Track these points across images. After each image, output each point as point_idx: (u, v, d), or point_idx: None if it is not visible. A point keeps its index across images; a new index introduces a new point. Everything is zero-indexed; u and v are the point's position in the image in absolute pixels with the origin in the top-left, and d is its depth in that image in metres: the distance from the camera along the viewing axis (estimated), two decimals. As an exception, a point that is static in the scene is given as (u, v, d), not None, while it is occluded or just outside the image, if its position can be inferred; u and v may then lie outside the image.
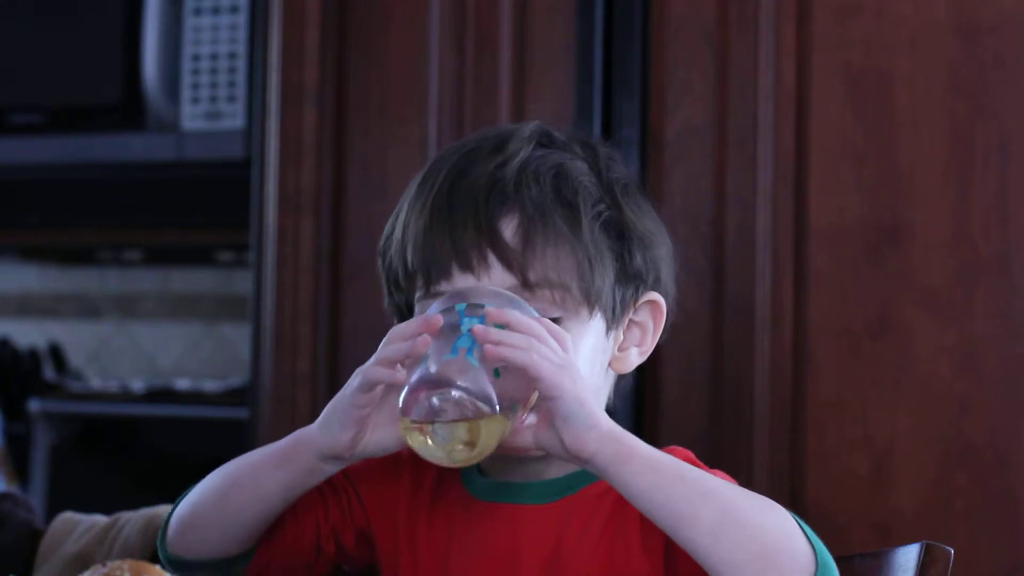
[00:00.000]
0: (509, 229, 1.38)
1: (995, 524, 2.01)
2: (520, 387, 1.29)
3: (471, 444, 1.29)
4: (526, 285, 1.37)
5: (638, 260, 1.43)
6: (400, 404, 1.29)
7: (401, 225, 1.43)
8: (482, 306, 1.31)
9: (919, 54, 2.07)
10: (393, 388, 1.31)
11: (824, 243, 2.09)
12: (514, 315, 1.31)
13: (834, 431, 2.07)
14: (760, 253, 2.11)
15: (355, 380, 1.32)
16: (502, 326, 1.30)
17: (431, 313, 1.32)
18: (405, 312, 1.44)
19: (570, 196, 1.40)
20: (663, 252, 1.46)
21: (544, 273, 1.37)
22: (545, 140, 1.45)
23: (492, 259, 1.37)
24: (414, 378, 1.28)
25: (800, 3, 2.11)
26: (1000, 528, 2.01)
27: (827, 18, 2.10)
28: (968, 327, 2.03)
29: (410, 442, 1.30)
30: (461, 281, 1.38)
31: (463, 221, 1.38)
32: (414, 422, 1.29)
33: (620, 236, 1.42)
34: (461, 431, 1.28)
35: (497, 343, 1.27)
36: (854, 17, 2.09)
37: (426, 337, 1.29)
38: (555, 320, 1.37)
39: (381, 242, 1.46)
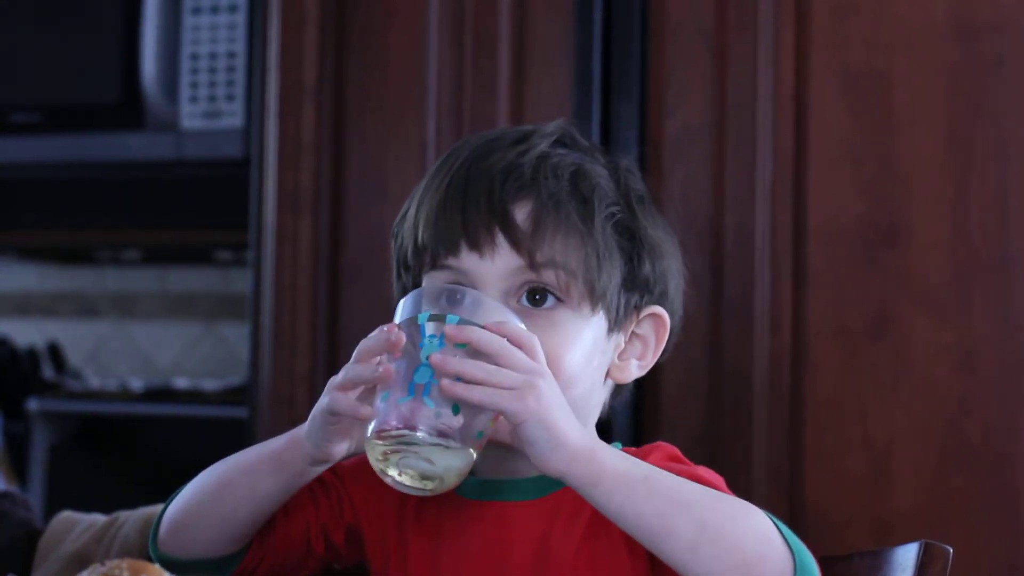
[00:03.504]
0: (521, 213, 1.39)
1: (993, 523, 2.01)
2: (483, 415, 1.30)
3: (432, 478, 1.30)
4: (532, 266, 1.38)
5: (647, 268, 1.44)
6: (365, 441, 1.31)
7: (416, 203, 1.44)
8: (443, 317, 1.31)
9: (918, 54, 2.07)
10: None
11: (822, 243, 2.09)
12: (474, 333, 1.30)
13: (833, 431, 2.07)
14: (759, 253, 2.11)
15: (324, 400, 1.33)
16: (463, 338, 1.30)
17: (397, 319, 1.33)
18: None
19: (586, 192, 1.41)
20: (672, 267, 1.47)
21: (551, 255, 1.38)
22: (568, 140, 1.47)
23: (501, 240, 1.38)
24: (373, 425, 1.30)
25: (799, 4, 2.11)
26: (998, 527, 2.01)
27: (825, 18, 2.11)
28: (966, 327, 2.03)
29: (377, 472, 1.32)
30: (468, 259, 1.39)
31: (476, 201, 1.39)
32: (378, 459, 1.31)
33: (631, 239, 1.43)
34: (424, 466, 1.29)
35: (454, 377, 1.27)
36: (852, 17, 2.10)
37: (388, 368, 1.29)
38: (556, 307, 1.38)
39: (395, 222, 1.47)
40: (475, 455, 1.30)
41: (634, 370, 1.47)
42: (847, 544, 2.01)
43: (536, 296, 1.39)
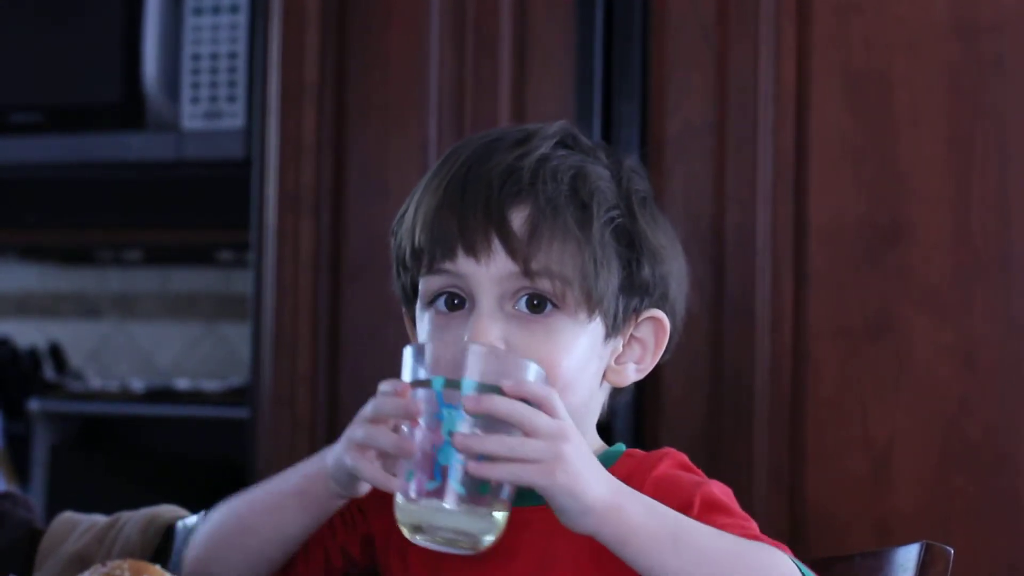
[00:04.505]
0: (518, 219, 1.38)
1: (994, 524, 2.01)
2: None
3: (465, 541, 1.31)
4: (527, 273, 1.37)
5: (646, 272, 1.42)
6: (394, 505, 1.31)
7: (414, 204, 1.43)
8: (458, 383, 1.29)
9: (918, 54, 2.07)
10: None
11: (823, 243, 2.09)
12: (493, 404, 1.28)
13: (833, 431, 2.07)
14: (760, 253, 2.11)
15: (347, 459, 1.32)
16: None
17: (406, 375, 1.31)
18: (410, 293, 1.44)
19: (585, 197, 1.40)
20: (674, 270, 1.45)
21: (547, 263, 1.37)
22: (570, 141, 1.44)
23: (496, 245, 1.37)
24: (400, 493, 1.30)
25: (800, 3, 2.12)
26: (999, 527, 2.01)
27: (827, 18, 2.11)
28: (967, 327, 2.03)
29: (407, 536, 1.32)
30: (464, 264, 1.38)
31: (474, 205, 1.38)
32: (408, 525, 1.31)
33: (630, 245, 1.41)
34: (454, 536, 1.30)
35: (479, 457, 1.26)
36: (854, 17, 2.10)
37: (412, 445, 1.29)
38: (552, 313, 1.38)
39: (395, 220, 1.46)
40: (505, 515, 1.31)
41: (631, 374, 1.46)
42: (848, 544, 2.01)
43: (535, 302, 1.39)
